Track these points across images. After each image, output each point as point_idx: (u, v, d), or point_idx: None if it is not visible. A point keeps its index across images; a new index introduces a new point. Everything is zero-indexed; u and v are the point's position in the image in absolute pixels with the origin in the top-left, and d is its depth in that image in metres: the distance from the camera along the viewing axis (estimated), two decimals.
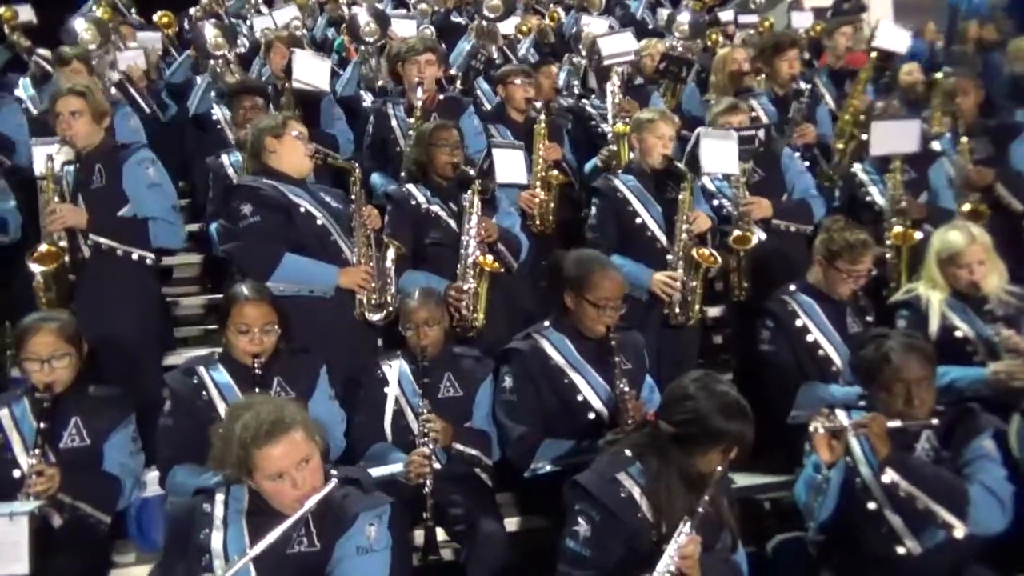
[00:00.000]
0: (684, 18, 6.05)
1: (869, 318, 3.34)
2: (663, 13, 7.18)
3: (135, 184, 3.41)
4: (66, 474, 2.56)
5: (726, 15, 7.58)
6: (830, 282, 3.26)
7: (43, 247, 3.14)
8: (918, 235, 3.77)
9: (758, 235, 3.76)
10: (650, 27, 7.09)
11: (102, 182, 3.37)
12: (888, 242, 3.85)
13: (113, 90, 4.92)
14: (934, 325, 3.18)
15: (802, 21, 7.27)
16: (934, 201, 4.08)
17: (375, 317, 3.24)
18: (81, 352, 2.74)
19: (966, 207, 4.04)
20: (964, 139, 4.24)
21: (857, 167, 4.20)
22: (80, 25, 4.91)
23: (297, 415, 2.07)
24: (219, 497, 2.13)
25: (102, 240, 3.27)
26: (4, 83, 4.91)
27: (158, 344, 3.68)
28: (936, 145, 4.34)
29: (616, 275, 2.95)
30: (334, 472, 2.12)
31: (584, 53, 5.46)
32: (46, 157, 3.29)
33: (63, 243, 3.17)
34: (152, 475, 2.83)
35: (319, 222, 3.19)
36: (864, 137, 4.25)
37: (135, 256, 3.34)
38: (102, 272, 3.29)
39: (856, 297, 3.32)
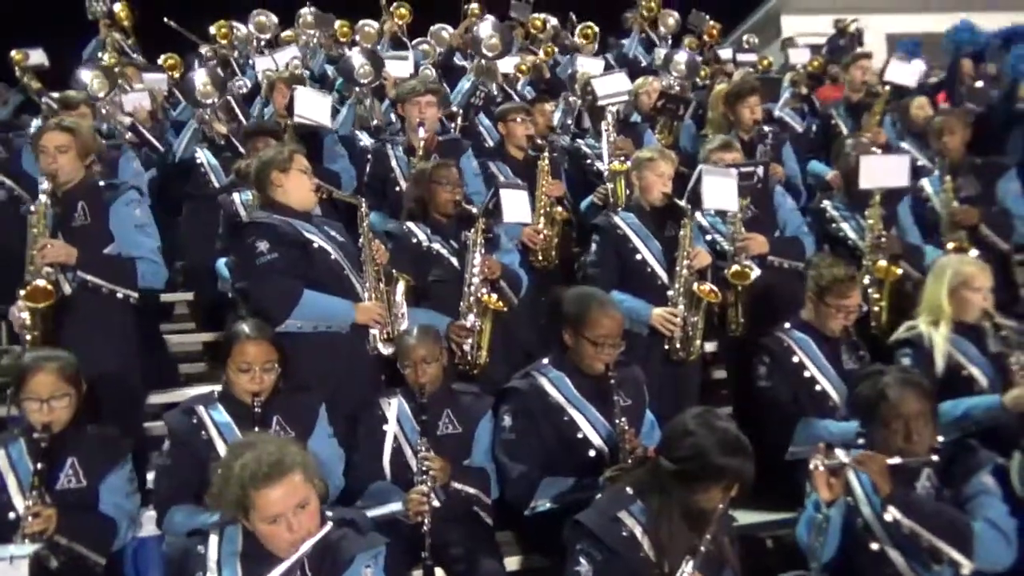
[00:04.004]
0: (681, 57, 6.16)
1: (862, 353, 3.36)
2: (660, 52, 7.29)
3: (123, 224, 3.38)
4: (62, 515, 2.53)
5: (725, 53, 7.72)
6: (821, 318, 3.29)
7: (39, 282, 3.08)
8: (899, 270, 3.80)
9: (755, 271, 3.77)
10: (643, 65, 7.19)
11: (86, 219, 3.34)
12: (867, 278, 3.85)
13: (128, 134, 4.99)
14: (940, 363, 3.17)
15: (799, 57, 7.39)
16: (903, 237, 4.10)
17: (387, 351, 3.23)
18: (80, 391, 2.74)
19: (950, 245, 4.08)
20: (948, 178, 4.28)
21: (827, 203, 4.22)
22: (87, 75, 4.97)
23: (297, 456, 2.05)
24: (213, 539, 2.11)
25: (89, 277, 3.23)
26: (18, 124, 4.97)
27: (141, 383, 3.61)
28: (925, 183, 4.36)
29: (615, 313, 2.95)
30: (329, 514, 2.11)
31: (579, 93, 5.53)
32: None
33: (53, 280, 3.11)
34: (148, 515, 2.81)
35: (332, 257, 3.19)
36: None
37: (120, 295, 3.30)
38: (86, 310, 3.24)
39: (848, 333, 3.33)
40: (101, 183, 3.50)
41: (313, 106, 4.61)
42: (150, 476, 3.07)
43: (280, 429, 2.80)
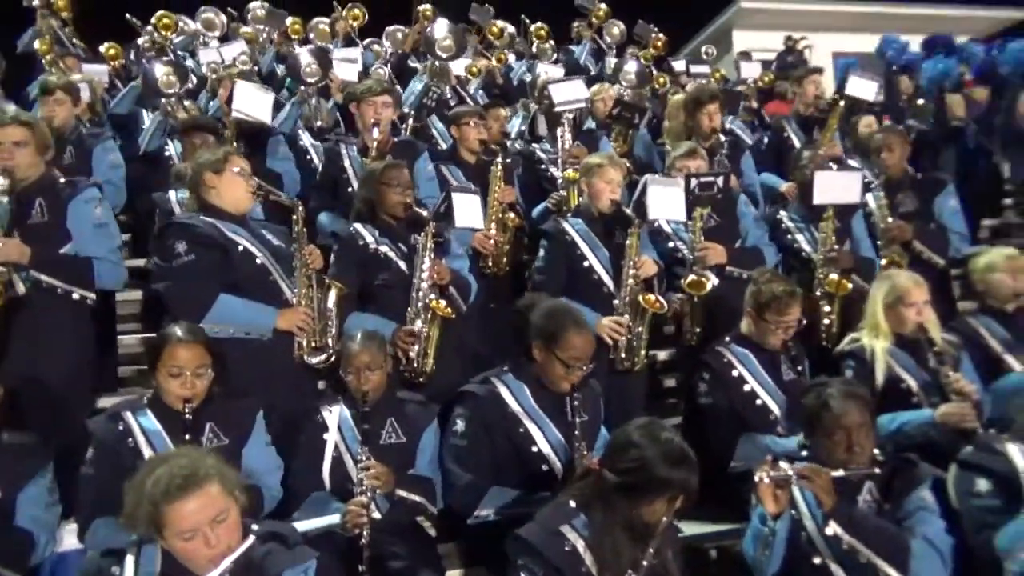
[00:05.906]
0: (631, 67, 6.22)
1: (800, 367, 3.37)
2: (610, 61, 7.31)
3: (81, 222, 3.28)
4: None
5: (679, 64, 7.79)
6: (760, 333, 3.29)
7: None
8: (850, 285, 3.84)
9: (712, 280, 3.77)
10: (592, 73, 7.20)
11: (43, 217, 3.23)
12: (818, 291, 3.90)
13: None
14: (879, 376, 3.22)
15: (750, 71, 7.51)
16: (856, 250, 4.17)
17: (314, 360, 3.15)
18: None
19: (883, 261, 4.16)
20: (881, 194, 4.37)
21: (783, 214, 4.26)
22: None
23: (213, 468, 1.92)
24: (129, 559, 1.99)
25: (43, 277, 3.10)
26: None
27: (90, 387, 3.47)
28: (869, 197, 4.44)
29: (589, 335, 2.87)
30: (255, 527, 2.00)
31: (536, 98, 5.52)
32: None
33: (5, 279, 2.98)
34: (70, 528, 2.66)
35: (258, 261, 3.10)
36: None
37: (75, 296, 3.19)
38: (39, 311, 3.11)
39: (787, 346, 3.34)
40: (61, 179, 3.37)
41: (253, 102, 4.47)
42: None
43: (213, 437, 2.68)
